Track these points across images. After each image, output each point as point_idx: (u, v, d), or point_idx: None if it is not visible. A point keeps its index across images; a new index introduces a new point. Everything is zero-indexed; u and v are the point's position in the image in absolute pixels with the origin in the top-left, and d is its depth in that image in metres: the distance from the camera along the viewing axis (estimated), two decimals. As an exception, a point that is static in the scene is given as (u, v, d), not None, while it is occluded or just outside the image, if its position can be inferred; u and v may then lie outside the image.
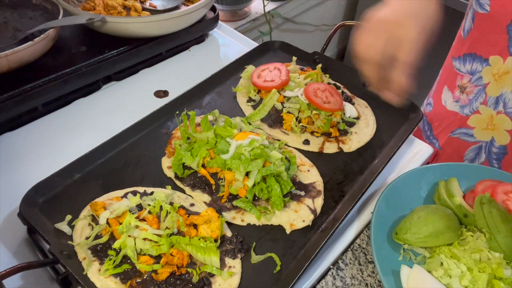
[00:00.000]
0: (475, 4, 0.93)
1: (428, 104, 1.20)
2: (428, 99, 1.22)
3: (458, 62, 1.03)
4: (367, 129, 0.97)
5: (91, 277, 0.66)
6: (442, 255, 0.72)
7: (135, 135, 0.92)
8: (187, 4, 1.26)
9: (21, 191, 0.76)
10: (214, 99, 1.05)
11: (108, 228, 0.71)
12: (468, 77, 1.02)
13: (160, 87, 1.12)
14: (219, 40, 1.34)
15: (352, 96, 1.05)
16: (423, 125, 1.21)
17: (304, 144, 0.93)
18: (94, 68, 1.04)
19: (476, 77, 1.00)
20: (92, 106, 1.06)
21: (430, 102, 1.19)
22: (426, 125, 1.20)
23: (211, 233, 0.71)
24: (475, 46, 0.97)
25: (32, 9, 1.15)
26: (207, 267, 0.68)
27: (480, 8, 0.91)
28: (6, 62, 0.91)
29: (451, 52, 1.09)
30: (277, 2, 2.17)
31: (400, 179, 0.84)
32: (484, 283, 0.67)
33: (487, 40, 0.94)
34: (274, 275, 0.69)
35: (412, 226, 0.74)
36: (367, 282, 0.75)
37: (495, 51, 0.93)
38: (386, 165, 0.87)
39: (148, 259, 0.67)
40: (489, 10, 0.90)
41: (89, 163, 0.85)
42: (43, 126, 0.99)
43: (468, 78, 1.02)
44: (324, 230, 0.76)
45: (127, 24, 1.07)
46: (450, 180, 0.84)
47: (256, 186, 0.77)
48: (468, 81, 1.02)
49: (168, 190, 0.80)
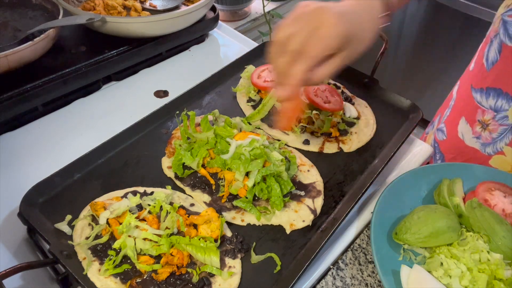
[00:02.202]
0: (503, 34, 0.85)
1: (439, 130, 1.11)
2: (439, 122, 1.12)
3: (480, 95, 0.94)
4: (367, 129, 0.97)
5: (91, 277, 0.66)
6: (442, 255, 0.72)
7: (135, 135, 0.92)
8: (187, 4, 1.26)
9: (21, 191, 0.76)
10: (214, 99, 1.05)
11: (108, 228, 0.71)
12: (491, 114, 0.93)
13: (160, 87, 1.12)
14: (219, 40, 1.34)
15: (352, 96, 1.05)
16: (434, 153, 1.10)
17: (304, 144, 0.93)
18: (94, 68, 1.04)
19: (501, 115, 0.91)
20: (92, 106, 1.06)
21: (442, 129, 1.09)
22: (438, 153, 1.10)
23: (211, 233, 0.71)
24: (501, 81, 0.88)
25: (32, 9, 1.15)
26: (207, 267, 0.68)
27: (510, 41, 0.83)
28: (6, 62, 0.91)
29: (471, 80, 0.98)
30: (277, 2, 2.17)
31: (400, 179, 0.84)
32: (484, 283, 0.66)
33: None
34: (274, 275, 0.69)
35: (412, 226, 0.74)
36: (367, 282, 0.75)
37: None
38: (386, 165, 0.87)
39: (148, 259, 0.67)
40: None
41: (89, 163, 0.85)
42: (43, 126, 0.99)
43: (491, 114, 0.93)
44: (324, 230, 0.76)
45: (127, 24, 1.07)
46: (455, 180, 0.84)
47: (256, 186, 0.77)
48: (492, 118, 0.93)
49: (168, 190, 0.80)
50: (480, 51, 0.98)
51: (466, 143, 1.02)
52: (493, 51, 0.90)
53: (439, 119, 1.16)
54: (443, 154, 1.10)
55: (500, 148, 0.95)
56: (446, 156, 1.09)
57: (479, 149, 0.99)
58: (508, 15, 0.85)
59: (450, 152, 1.07)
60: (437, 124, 1.15)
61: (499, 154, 0.96)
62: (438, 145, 1.11)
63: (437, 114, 1.20)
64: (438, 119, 1.17)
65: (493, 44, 0.90)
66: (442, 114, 1.14)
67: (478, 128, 0.98)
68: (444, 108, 1.15)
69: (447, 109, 1.12)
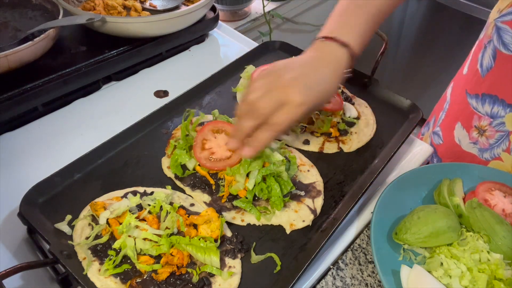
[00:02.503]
0: (497, 41, 0.84)
1: (435, 133, 1.11)
2: (434, 125, 1.12)
3: (475, 101, 0.93)
4: (367, 129, 0.97)
5: (91, 277, 0.66)
6: (442, 255, 0.72)
7: (135, 135, 0.92)
8: (187, 4, 1.26)
9: (21, 191, 0.76)
10: (214, 99, 1.05)
11: (108, 228, 0.71)
12: (488, 120, 0.92)
13: (160, 87, 1.12)
14: (219, 40, 1.34)
15: (352, 96, 1.05)
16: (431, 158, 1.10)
17: (304, 144, 0.93)
18: (94, 68, 1.04)
19: (497, 121, 0.90)
20: (92, 106, 1.06)
21: (438, 133, 1.09)
22: (435, 158, 1.10)
23: (211, 233, 0.71)
24: (496, 88, 0.88)
25: (32, 9, 1.15)
26: (207, 267, 0.68)
27: (504, 48, 0.82)
28: (6, 62, 0.91)
29: (465, 84, 0.97)
30: (277, 2, 2.17)
31: (400, 179, 0.84)
32: (484, 283, 0.67)
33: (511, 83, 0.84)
34: (274, 275, 0.69)
35: (412, 226, 0.74)
36: (367, 282, 0.75)
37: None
38: (386, 165, 0.87)
39: (148, 259, 0.67)
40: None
41: (89, 163, 0.85)
42: (43, 126, 0.99)
43: (487, 120, 0.92)
44: (324, 230, 0.76)
45: (127, 24, 1.07)
46: (455, 180, 0.84)
47: (256, 186, 0.77)
48: (488, 124, 0.92)
49: (168, 190, 0.80)
50: (474, 56, 0.97)
51: (463, 148, 1.02)
52: (487, 58, 0.89)
53: (434, 121, 1.16)
54: (441, 158, 1.10)
55: (497, 154, 0.95)
56: (444, 161, 1.09)
57: (477, 155, 0.99)
58: (501, 21, 0.83)
59: (447, 157, 1.08)
60: (433, 127, 1.15)
61: (496, 160, 0.96)
62: (435, 149, 1.10)
63: (432, 115, 1.19)
64: (433, 121, 1.16)
65: (487, 50, 0.89)
66: (437, 116, 1.13)
67: (475, 134, 0.98)
68: (438, 110, 1.14)
69: (441, 112, 1.11)
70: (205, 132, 0.83)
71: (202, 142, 0.82)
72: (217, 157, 0.80)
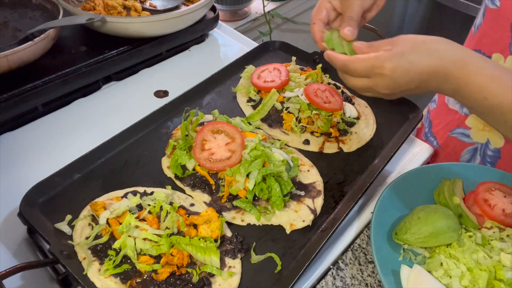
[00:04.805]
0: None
1: (433, 101, 1.18)
2: (434, 96, 1.20)
3: None
4: (367, 129, 0.97)
5: (91, 277, 0.66)
6: (442, 255, 0.72)
7: (135, 135, 0.92)
8: (187, 4, 1.26)
9: (21, 191, 0.76)
10: (214, 99, 1.05)
11: (108, 228, 0.71)
12: None
13: (160, 87, 1.12)
14: (219, 40, 1.34)
15: (352, 96, 1.05)
16: (425, 121, 1.19)
17: (304, 144, 0.93)
18: (94, 68, 1.04)
19: None
20: (92, 106, 1.06)
21: (435, 100, 1.17)
22: (427, 121, 1.18)
23: (211, 233, 0.71)
24: (481, 42, 0.94)
25: (32, 9, 1.15)
26: (207, 267, 0.68)
27: (491, 4, 0.89)
28: (6, 62, 0.91)
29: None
30: (277, 2, 2.17)
31: (400, 179, 0.84)
32: (484, 283, 0.67)
33: (492, 37, 0.91)
34: (274, 275, 0.69)
35: (412, 226, 0.74)
36: (367, 282, 0.75)
37: (498, 49, 0.90)
38: (386, 165, 0.87)
39: (148, 259, 0.67)
40: (499, 5, 0.87)
41: (89, 163, 0.85)
42: (43, 126, 0.99)
43: None
44: (324, 230, 0.76)
45: (127, 24, 1.07)
46: (455, 180, 0.84)
47: (256, 186, 0.77)
48: None
49: (168, 190, 0.80)
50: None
51: (449, 106, 1.08)
52: (479, 17, 0.96)
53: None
54: (431, 121, 1.16)
55: None
56: (433, 122, 1.15)
57: (458, 110, 1.05)
58: None
59: (436, 118, 1.14)
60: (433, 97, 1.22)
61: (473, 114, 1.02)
62: (430, 114, 1.17)
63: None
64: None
65: (480, 11, 0.96)
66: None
67: None
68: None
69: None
70: (205, 132, 0.83)
71: (201, 142, 0.82)
72: (217, 158, 0.80)
